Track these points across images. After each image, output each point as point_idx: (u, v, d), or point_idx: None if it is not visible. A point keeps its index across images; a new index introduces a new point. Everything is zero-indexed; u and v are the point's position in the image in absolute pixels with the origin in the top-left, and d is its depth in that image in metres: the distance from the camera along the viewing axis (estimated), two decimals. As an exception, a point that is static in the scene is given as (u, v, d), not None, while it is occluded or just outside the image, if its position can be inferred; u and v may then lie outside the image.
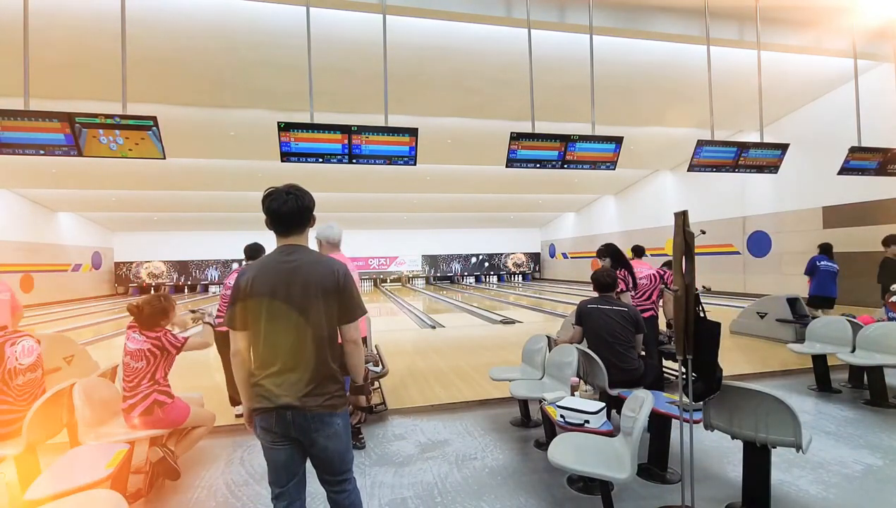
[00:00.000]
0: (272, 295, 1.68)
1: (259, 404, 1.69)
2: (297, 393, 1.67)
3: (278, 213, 1.74)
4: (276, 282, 1.69)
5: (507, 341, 7.01)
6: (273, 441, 1.71)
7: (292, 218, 1.75)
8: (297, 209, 1.74)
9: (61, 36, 5.66)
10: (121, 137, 3.79)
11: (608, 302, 3.35)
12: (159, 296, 2.78)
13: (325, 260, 1.79)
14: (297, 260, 1.73)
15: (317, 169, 5.26)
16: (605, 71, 5.78)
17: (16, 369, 2.47)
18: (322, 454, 1.73)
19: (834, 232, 9.72)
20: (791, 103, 10.00)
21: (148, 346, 2.62)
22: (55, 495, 1.86)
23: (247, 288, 1.70)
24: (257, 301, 1.68)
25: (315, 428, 1.69)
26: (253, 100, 8.07)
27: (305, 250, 1.78)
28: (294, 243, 1.78)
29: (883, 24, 6.24)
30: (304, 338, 1.69)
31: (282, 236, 1.78)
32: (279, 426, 1.68)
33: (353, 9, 5.25)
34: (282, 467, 1.73)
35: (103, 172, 12.06)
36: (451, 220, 21.46)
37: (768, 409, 2.27)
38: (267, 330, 1.69)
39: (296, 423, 1.67)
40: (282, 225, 1.76)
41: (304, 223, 1.79)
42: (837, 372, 4.44)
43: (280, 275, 1.70)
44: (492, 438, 3.36)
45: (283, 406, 1.66)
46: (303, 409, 1.67)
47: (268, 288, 1.69)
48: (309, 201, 1.78)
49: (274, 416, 1.67)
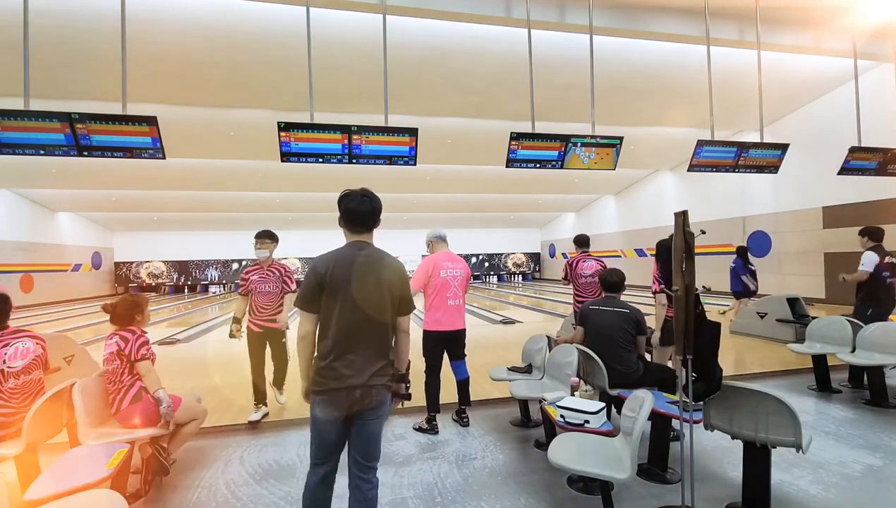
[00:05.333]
0: (350, 285, 1.85)
1: (330, 384, 1.84)
2: (366, 374, 1.85)
3: (356, 212, 1.95)
4: (354, 274, 1.87)
5: (507, 341, 7.01)
6: (332, 420, 1.85)
7: (367, 217, 1.96)
8: (371, 210, 1.96)
9: (61, 36, 5.66)
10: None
11: (611, 303, 3.35)
12: (130, 294, 2.91)
13: (391, 258, 2.00)
14: (370, 255, 1.94)
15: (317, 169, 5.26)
16: (605, 71, 5.77)
17: (5, 372, 2.43)
18: (367, 434, 1.89)
19: (834, 232, 9.73)
20: (791, 103, 10.00)
21: (115, 348, 2.64)
22: (55, 495, 1.86)
23: (326, 275, 1.85)
24: (335, 288, 1.85)
25: (374, 406, 1.87)
26: (253, 100, 8.07)
27: (374, 247, 1.99)
28: (365, 240, 1.98)
29: (883, 24, 6.23)
30: (375, 325, 1.89)
31: (354, 233, 1.98)
32: (346, 404, 1.83)
33: (353, 9, 5.24)
34: (332, 443, 1.90)
35: (103, 172, 12.06)
36: (451, 220, 21.49)
37: (768, 409, 2.27)
38: (342, 315, 1.85)
39: (362, 401, 1.84)
40: (357, 223, 1.97)
41: (375, 223, 2.00)
42: (837, 372, 4.44)
43: (357, 268, 1.88)
44: (492, 438, 3.36)
45: (352, 386, 1.83)
46: (369, 387, 1.85)
47: (346, 277, 1.86)
48: (379, 204, 2.01)
49: (344, 395, 1.83)
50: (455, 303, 3.56)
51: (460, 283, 3.61)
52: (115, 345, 2.64)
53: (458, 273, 3.61)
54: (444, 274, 3.54)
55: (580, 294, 4.84)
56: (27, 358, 2.55)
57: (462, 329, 3.61)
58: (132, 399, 2.61)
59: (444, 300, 3.52)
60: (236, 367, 5.06)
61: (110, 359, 2.65)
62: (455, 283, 3.57)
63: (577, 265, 4.84)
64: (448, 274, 3.55)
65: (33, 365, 2.59)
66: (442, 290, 3.52)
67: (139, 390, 2.63)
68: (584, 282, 4.79)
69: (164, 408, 2.61)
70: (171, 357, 6.42)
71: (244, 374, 3.88)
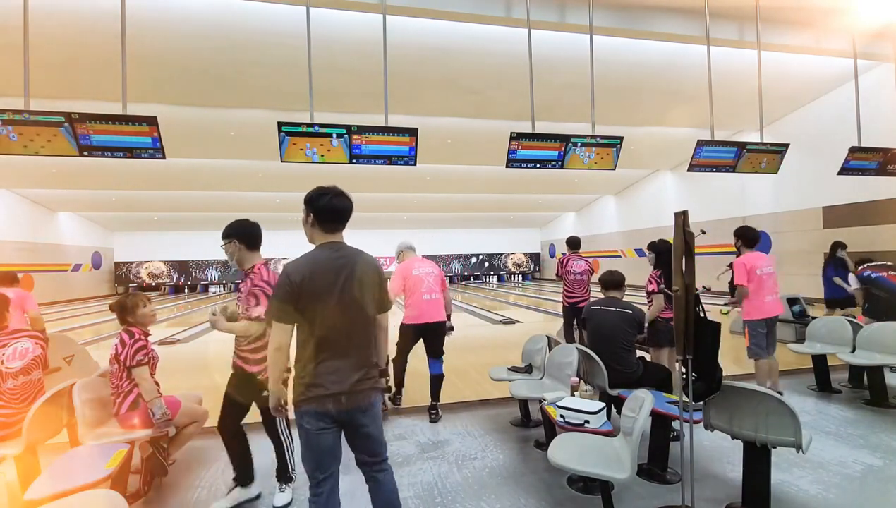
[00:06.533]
0: (331, 290, 1.80)
1: (314, 392, 1.78)
2: (351, 379, 1.80)
3: (336, 210, 1.89)
4: (334, 277, 1.81)
5: (507, 341, 7.01)
6: (323, 428, 1.80)
7: (345, 214, 1.93)
8: (349, 207, 1.94)
9: (61, 35, 5.65)
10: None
11: (613, 303, 3.35)
12: (125, 294, 2.84)
13: (366, 255, 1.95)
14: (347, 256, 1.88)
15: (317, 169, 5.25)
16: (605, 71, 5.77)
17: (3, 373, 2.43)
18: (366, 435, 1.87)
19: (834, 232, 9.71)
20: (791, 103, 9.99)
21: (113, 351, 2.61)
22: (55, 495, 1.86)
23: (303, 283, 1.77)
24: (314, 295, 1.78)
25: (363, 410, 1.84)
26: (253, 100, 8.06)
27: (348, 247, 1.93)
28: (337, 240, 1.93)
29: (883, 24, 6.23)
30: (358, 328, 1.85)
31: (328, 233, 1.91)
32: (334, 410, 1.79)
33: (353, 9, 5.24)
34: (328, 451, 1.83)
35: (103, 172, 12.04)
36: (451, 220, 21.44)
37: (768, 409, 2.27)
38: (322, 322, 1.78)
39: (349, 406, 1.80)
40: (335, 221, 1.91)
41: (347, 220, 1.97)
42: (837, 372, 4.44)
43: (336, 271, 1.82)
44: (492, 438, 3.36)
45: (338, 392, 1.78)
46: (356, 393, 1.81)
47: (326, 282, 1.80)
48: (352, 201, 1.98)
49: (330, 401, 1.78)
50: (431, 298, 3.85)
51: (435, 280, 3.93)
52: (113, 348, 2.62)
53: (431, 271, 3.96)
54: (417, 271, 3.91)
55: (570, 290, 5.33)
56: (26, 358, 2.55)
57: (441, 321, 3.86)
58: (130, 405, 2.59)
59: (420, 295, 3.84)
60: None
61: (111, 361, 2.64)
62: (430, 279, 3.90)
63: (568, 263, 5.36)
64: (421, 271, 3.92)
65: (32, 366, 2.59)
66: (417, 286, 3.85)
67: (137, 396, 2.60)
68: (573, 279, 5.28)
69: (157, 419, 2.54)
70: (171, 357, 6.42)
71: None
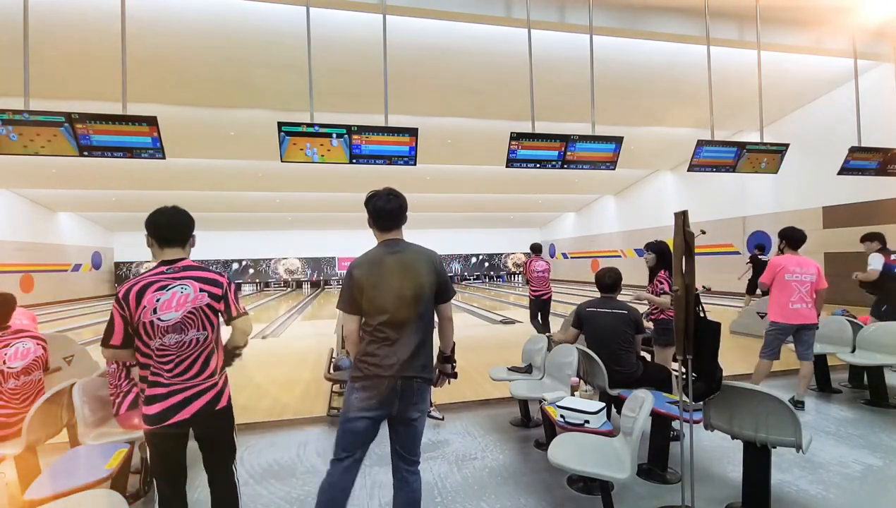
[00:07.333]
0: (385, 283, 1.90)
1: (370, 371, 1.87)
2: (408, 366, 1.88)
3: (385, 210, 1.98)
4: (384, 275, 1.91)
5: (507, 341, 7.01)
6: (367, 409, 1.86)
7: (395, 215, 2.00)
8: (399, 207, 2.00)
9: (61, 35, 5.65)
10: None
11: (608, 303, 3.34)
12: None
13: (424, 249, 2.04)
14: (401, 253, 1.97)
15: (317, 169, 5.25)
16: (605, 71, 5.77)
17: (4, 373, 2.43)
18: (411, 427, 1.93)
19: (834, 232, 9.72)
20: (791, 103, 9.99)
21: None
22: (55, 495, 1.85)
23: (361, 279, 1.91)
24: (371, 288, 1.89)
25: (416, 400, 1.91)
26: (253, 100, 8.06)
27: (405, 242, 2.02)
28: (395, 237, 2.02)
29: (883, 24, 6.23)
30: (412, 322, 1.91)
31: (384, 232, 2.02)
32: (387, 393, 1.86)
33: (353, 9, 5.24)
34: (361, 434, 1.89)
35: (103, 172, 12.05)
36: (451, 220, 21.45)
37: (768, 409, 2.27)
38: (379, 314, 1.89)
39: (403, 392, 1.88)
40: (386, 221, 2.00)
41: (403, 220, 2.04)
42: (837, 372, 4.44)
43: (390, 265, 1.93)
44: (492, 438, 3.36)
45: (393, 376, 1.86)
46: (411, 379, 1.89)
47: (378, 279, 1.90)
48: (405, 201, 2.04)
49: (385, 384, 1.86)
50: None
51: None
52: None
53: None
54: None
55: (534, 286, 6.61)
56: (27, 358, 2.55)
57: None
58: (129, 405, 2.58)
59: None
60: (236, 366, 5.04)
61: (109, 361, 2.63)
62: None
63: (531, 264, 6.69)
64: None
65: (33, 366, 2.59)
66: None
67: (137, 396, 2.58)
68: (536, 277, 6.58)
69: None
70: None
71: (244, 374, 3.88)
